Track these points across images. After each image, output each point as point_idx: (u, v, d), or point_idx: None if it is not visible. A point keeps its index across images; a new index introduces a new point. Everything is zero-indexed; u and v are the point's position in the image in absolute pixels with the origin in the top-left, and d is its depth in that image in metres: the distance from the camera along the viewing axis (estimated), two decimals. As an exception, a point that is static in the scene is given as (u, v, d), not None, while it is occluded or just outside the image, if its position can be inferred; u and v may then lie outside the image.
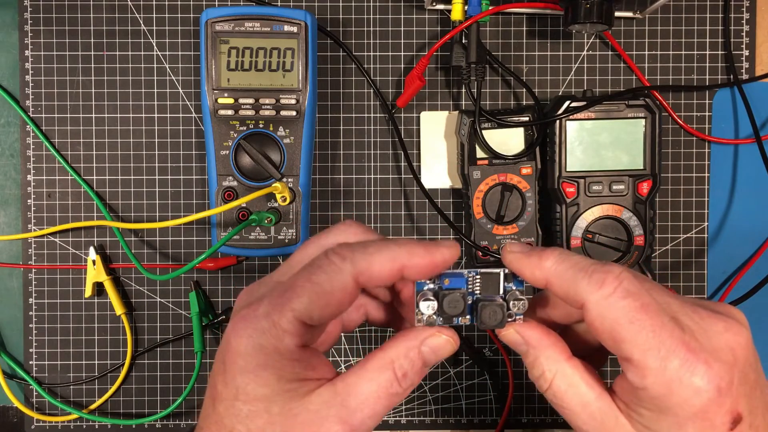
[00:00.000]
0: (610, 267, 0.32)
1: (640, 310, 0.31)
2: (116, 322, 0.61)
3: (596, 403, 0.34)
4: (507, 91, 0.61)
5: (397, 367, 0.32)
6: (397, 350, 0.33)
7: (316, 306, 0.32)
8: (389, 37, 0.60)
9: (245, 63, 0.55)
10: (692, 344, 0.31)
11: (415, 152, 0.61)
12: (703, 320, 0.32)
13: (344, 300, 0.32)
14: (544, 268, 0.33)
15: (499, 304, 0.34)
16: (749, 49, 0.61)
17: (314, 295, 0.32)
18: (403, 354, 0.32)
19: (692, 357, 0.30)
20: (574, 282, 0.32)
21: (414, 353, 0.33)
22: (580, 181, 0.57)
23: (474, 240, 0.58)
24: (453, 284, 0.34)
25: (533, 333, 0.35)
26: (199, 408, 0.62)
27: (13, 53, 0.60)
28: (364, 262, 0.32)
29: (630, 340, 0.31)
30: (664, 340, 0.30)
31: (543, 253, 0.34)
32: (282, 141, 0.56)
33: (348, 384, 0.32)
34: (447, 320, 0.34)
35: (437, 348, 0.33)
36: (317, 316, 0.32)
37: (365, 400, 0.32)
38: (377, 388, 0.32)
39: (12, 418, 0.62)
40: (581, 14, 0.52)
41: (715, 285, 0.62)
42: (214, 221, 0.56)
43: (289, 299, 0.32)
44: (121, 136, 0.60)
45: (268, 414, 0.31)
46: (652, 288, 0.32)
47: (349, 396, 0.32)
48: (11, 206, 0.61)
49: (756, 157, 0.59)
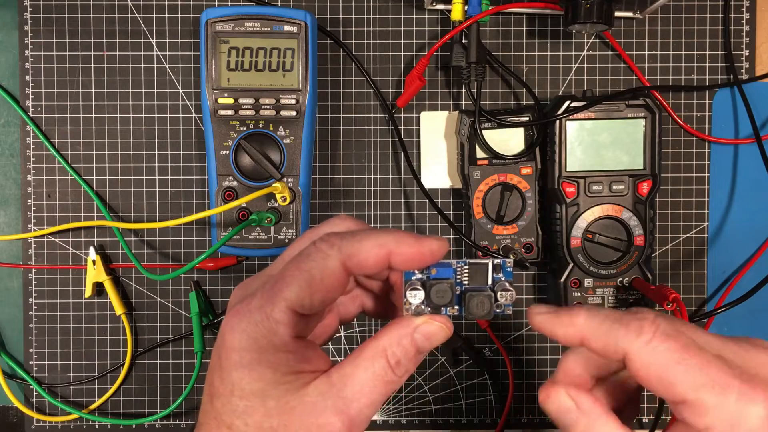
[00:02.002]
0: (643, 313, 0.32)
1: (684, 350, 0.31)
2: (116, 322, 0.61)
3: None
4: (507, 91, 0.61)
5: (390, 355, 0.32)
6: (389, 338, 0.33)
7: (306, 293, 0.32)
8: (389, 37, 0.60)
9: (245, 63, 0.55)
10: (744, 376, 0.30)
11: (415, 152, 0.61)
12: (746, 353, 0.32)
13: (335, 286, 0.32)
14: (577, 326, 0.33)
15: (487, 294, 0.34)
16: (749, 49, 0.61)
17: (304, 283, 0.32)
18: (395, 342, 0.33)
19: (748, 388, 0.30)
20: (611, 334, 0.32)
21: (407, 341, 0.33)
22: (580, 181, 0.57)
23: (474, 240, 0.58)
24: (440, 274, 0.34)
25: (585, 400, 0.34)
26: (199, 408, 0.62)
27: (13, 53, 0.60)
28: (351, 248, 0.32)
29: (681, 381, 0.31)
30: (715, 376, 0.30)
31: (572, 312, 0.33)
32: (282, 141, 0.56)
33: (343, 374, 0.32)
34: (435, 310, 0.34)
35: (430, 335, 0.33)
36: (308, 304, 0.32)
37: (361, 389, 0.32)
38: (372, 376, 0.32)
39: (12, 418, 0.62)
40: (581, 14, 0.52)
41: (715, 285, 0.62)
42: (214, 221, 0.56)
43: (279, 290, 0.32)
44: (121, 136, 0.60)
45: (264, 408, 0.31)
46: (688, 328, 0.32)
47: (345, 386, 0.32)
48: (11, 206, 0.61)
49: (756, 157, 0.59)
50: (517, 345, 0.62)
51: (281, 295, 0.32)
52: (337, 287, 0.33)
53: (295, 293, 0.32)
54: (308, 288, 0.32)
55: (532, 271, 0.62)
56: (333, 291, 0.33)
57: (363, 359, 0.32)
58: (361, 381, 0.32)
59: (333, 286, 0.32)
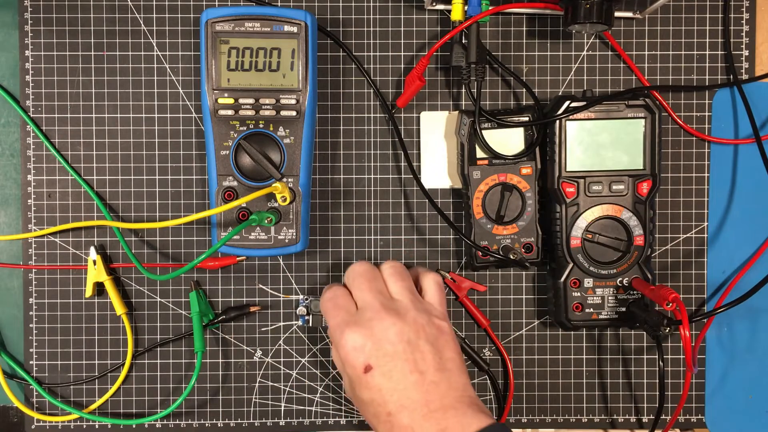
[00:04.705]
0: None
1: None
2: (116, 322, 0.61)
3: None
4: (507, 91, 0.61)
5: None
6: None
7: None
8: (389, 37, 0.60)
9: (245, 63, 0.55)
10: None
11: (415, 152, 0.61)
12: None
13: None
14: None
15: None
16: (749, 49, 0.61)
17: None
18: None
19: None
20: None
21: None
22: (580, 181, 0.57)
23: (474, 240, 0.58)
24: None
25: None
26: (200, 408, 0.62)
27: (13, 53, 0.60)
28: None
29: None
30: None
31: None
32: (282, 141, 0.56)
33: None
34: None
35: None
36: None
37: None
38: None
39: (12, 418, 0.62)
40: (581, 14, 0.52)
41: (715, 285, 0.62)
42: (214, 221, 0.56)
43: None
44: (121, 136, 0.60)
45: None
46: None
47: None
48: (11, 206, 0.61)
49: (756, 157, 0.60)
50: (517, 345, 0.62)
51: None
52: None
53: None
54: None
55: (532, 271, 0.62)
56: None
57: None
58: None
59: None
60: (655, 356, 0.62)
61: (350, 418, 0.62)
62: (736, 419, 0.62)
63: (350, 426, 0.62)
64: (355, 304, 0.52)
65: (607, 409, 0.62)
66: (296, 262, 0.61)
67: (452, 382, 0.49)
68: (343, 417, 0.62)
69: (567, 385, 0.62)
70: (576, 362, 0.62)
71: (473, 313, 0.61)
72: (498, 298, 0.62)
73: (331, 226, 0.61)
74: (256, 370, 0.61)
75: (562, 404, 0.62)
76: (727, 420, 0.62)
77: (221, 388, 0.61)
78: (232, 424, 0.61)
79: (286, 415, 0.62)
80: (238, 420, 0.61)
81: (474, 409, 0.47)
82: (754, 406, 0.62)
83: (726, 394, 0.62)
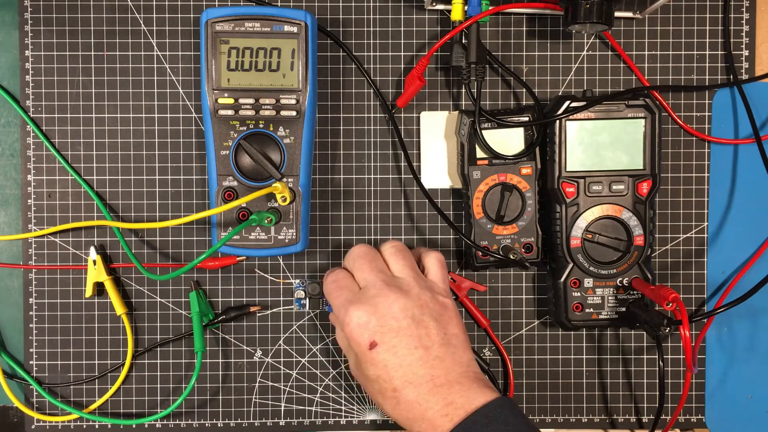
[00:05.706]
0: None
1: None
2: (116, 322, 0.61)
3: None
4: (507, 91, 0.61)
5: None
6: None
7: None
8: (389, 37, 0.61)
9: (245, 63, 0.55)
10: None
11: (415, 152, 0.61)
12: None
13: None
14: None
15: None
16: (749, 49, 0.61)
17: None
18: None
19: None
20: None
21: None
22: (580, 181, 0.57)
23: (474, 240, 0.58)
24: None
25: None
26: (200, 408, 0.62)
27: (13, 53, 0.60)
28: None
29: None
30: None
31: None
32: (282, 141, 0.56)
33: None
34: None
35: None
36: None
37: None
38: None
39: (12, 418, 0.62)
40: (581, 14, 0.52)
41: (715, 285, 0.62)
42: (214, 221, 0.56)
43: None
44: (121, 136, 0.60)
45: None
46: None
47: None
48: (11, 206, 0.61)
49: (756, 157, 0.60)
50: (517, 345, 0.62)
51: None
52: None
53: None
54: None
55: (532, 271, 0.62)
56: None
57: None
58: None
59: None
60: (655, 356, 0.62)
61: (350, 418, 0.62)
62: (736, 419, 0.62)
63: (350, 426, 0.62)
64: (358, 285, 0.52)
65: (607, 409, 0.62)
66: (296, 262, 0.61)
67: (457, 358, 0.49)
68: (343, 417, 0.62)
69: (567, 385, 0.62)
70: (576, 362, 0.62)
71: (473, 313, 0.61)
72: (498, 298, 0.62)
73: (331, 226, 0.61)
74: (256, 370, 0.61)
75: (562, 404, 0.62)
76: (727, 420, 0.62)
77: (221, 388, 0.61)
78: (232, 424, 0.61)
79: (286, 415, 0.62)
80: (238, 420, 0.61)
81: (479, 384, 0.48)
82: (754, 406, 0.62)
83: (726, 394, 0.62)
